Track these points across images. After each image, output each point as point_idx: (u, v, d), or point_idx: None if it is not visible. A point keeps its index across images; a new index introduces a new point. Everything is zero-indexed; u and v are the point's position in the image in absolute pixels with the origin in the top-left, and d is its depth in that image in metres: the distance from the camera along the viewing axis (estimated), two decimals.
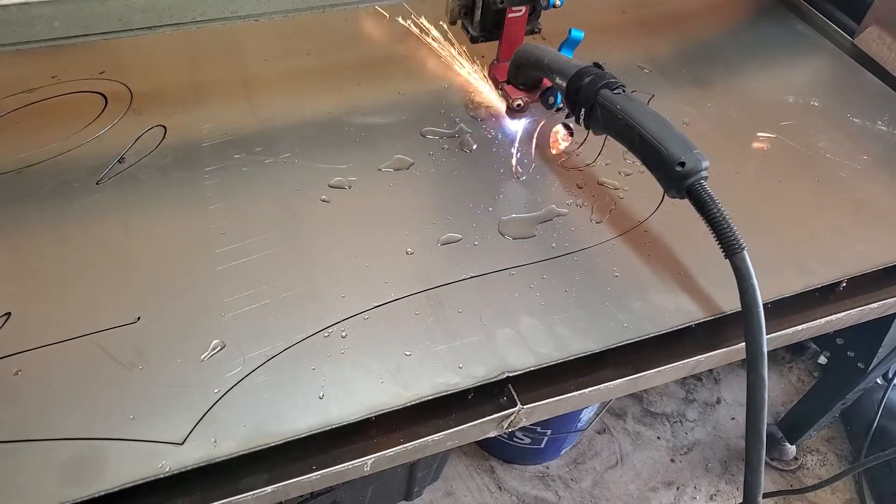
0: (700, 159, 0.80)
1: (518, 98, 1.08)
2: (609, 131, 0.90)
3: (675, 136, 0.82)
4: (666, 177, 0.82)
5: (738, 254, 0.78)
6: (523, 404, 0.82)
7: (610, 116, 0.87)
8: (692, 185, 0.80)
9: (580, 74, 0.91)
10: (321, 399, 0.77)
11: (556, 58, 0.96)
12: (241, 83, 1.17)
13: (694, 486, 2.01)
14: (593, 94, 0.88)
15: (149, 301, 0.85)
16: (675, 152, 0.80)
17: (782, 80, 1.29)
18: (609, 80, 0.89)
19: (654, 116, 0.85)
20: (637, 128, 0.84)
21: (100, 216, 0.94)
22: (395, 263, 0.92)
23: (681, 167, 0.80)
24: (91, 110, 1.09)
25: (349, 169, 1.04)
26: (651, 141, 0.82)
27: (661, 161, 0.82)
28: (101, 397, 0.76)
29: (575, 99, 0.91)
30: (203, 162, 1.03)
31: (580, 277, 0.92)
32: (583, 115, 0.91)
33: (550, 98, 1.05)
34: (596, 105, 0.88)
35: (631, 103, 0.86)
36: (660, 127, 0.83)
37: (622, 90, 0.89)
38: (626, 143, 0.88)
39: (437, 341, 0.84)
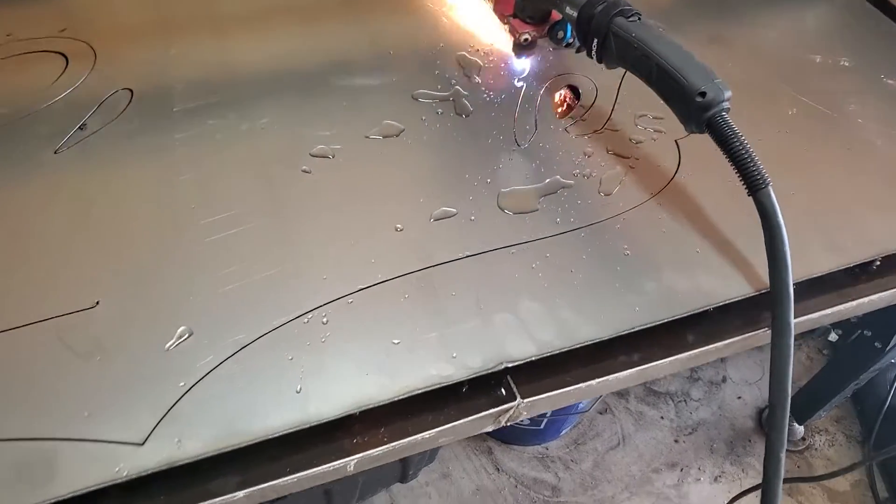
0: (722, 88, 0.74)
1: (525, 32, 1.00)
2: (623, 63, 0.84)
3: (696, 65, 0.76)
4: (685, 109, 0.77)
5: (762, 189, 0.73)
6: (523, 397, 0.74)
7: (625, 46, 0.81)
8: (713, 116, 0.74)
9: (592, 3, 0.85)
10: (299, 393, 0.69)
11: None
12: (216, 42, 1.07)
13: (698, 468, 1.96)
14: (606, 23, 0.82)
15: (109, 283, 0.77)
16: (695, 81, 0.75)
17: (809, 37, 1.19)
18: (623, 7, 0.83)
19: (673, 45, 0.79)
20: (654, 57, 0.78)
21: (57, 188, 0.85)
22: (383, 241, 0.84)
23: (701, 97, 0.74)
24: (50, 71, 0.99)
25: (333, 136, 0.95)
26: (670, 70, 0.76)
27: (680, 92, 0.76)
28: (52, 392, 0.68)
29: (586, 29, 0.85)
30: (173, 128, 0.94)
31: (587, 256, 0.84)
32: (595, 47, 0.85)
33: (560, 32, 0.99)
34: (609, 34, 0.83)
35: (648, 31, 0.80)
36: (679, 55, 0.77)
37: (637, 17, 0.83)
38: (643, 75, 0.81)
39: (429, 328, 0.76)
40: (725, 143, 0.74)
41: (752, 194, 0.74)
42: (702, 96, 0.74)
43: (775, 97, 1.07)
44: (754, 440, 2.02)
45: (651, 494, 1.88)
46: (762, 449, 1.98)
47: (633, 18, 0.82)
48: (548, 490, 1.87)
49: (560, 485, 1.88)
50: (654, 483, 1.90)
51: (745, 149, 0.73)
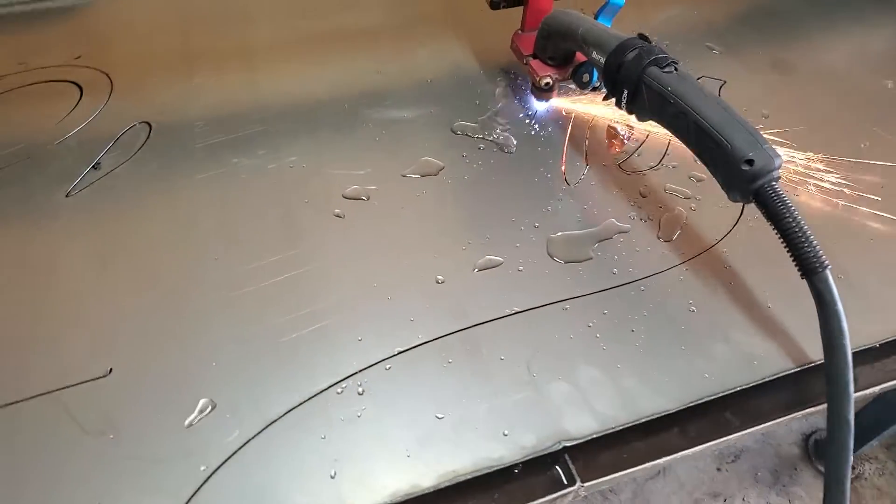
0: (772, 156, 0.66)
1: (546, 75, 0.93)
2: (657, 118, 0.76)
3: (741, 127, 0.68)
4: (729, 176, 0.69)
5: (818, 273, 0.65)
6: (583, 480, 0.65)
7: (659, 100, 0.74)
8: (762, 187, 0.67)
9: (622, 48, 0.77)
10: (333, 479, 0.62)
11: (593, 28, 0.82)
12: (242, 73, 1.00)
13: (742, 498, 1.86)
14: (638, 73, 0.75)
15: (124, 348, 0.70)
16: (741, 147, 0.67)
17: (877, 61, 1.09)
18: (658, 56, 0.75)
19: (715, 101, 0.71)
20: (693, 114, 0.70)
21: (68, 239, 0.79)
22: (422, 295, 0.76)
23: (748, 165, 0.66)
24: (63, 103, 0.93)
25: (367, 176, 0.88)
26: (711, 131, 0.69)
27: (723, 157, 0.68)
28: (59, 476, 0.61)
29: (615, 78, 0.78)
30: (195, 168, 0.87)
31: (648, 313, 0.75)
32: (625, 98, 0.78)
33: (585, 75, 0.91)
34: (642, 85, 0.75)
35: (685, 84, 0.72)
36: (722, 114, 0.69)
37: (674, 68, 0.75)
38: (679, 134, 0.74)
39: (476, 399, 0.68)
40: (776, 217, 0.66)
41: (805, 277, 0.66)
42: (749, 164, 0.66)
43: (845, 128, 0.98)
44: (800, 468, 1.92)
45: None
46: (808, 478, 1.89)
47: (668, 69, 0.74)
48: None
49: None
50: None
51: (798, 225, 0.65)
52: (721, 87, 1.03)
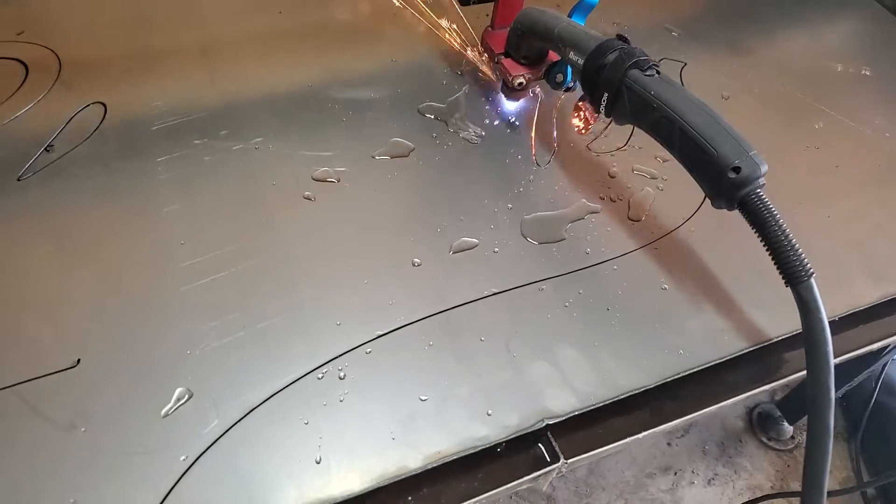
0: (758, 164, 0.65)
1: (519, 75, 0.90)
2: (639, 123, 0.74)
3: (727, 134, 0.67)
4: (714, 184, 0.68)
5: (803, 282, 0.64)
6: (567, 457, 0.66)
7: (641, 104, 0.71)
8: (748, 195, 0.66)
9: (602, 50, 0.74)
10: (319, 464, 0.61)
11: (570, 28, 0.79)
12: (200, 48, 0.96)
13: (692, 471, 1.93)
14: (620, 76, 0.72)
15: (91, 337, 0.67)
16: (727, 154, 0.65)
17: (827, 44, 1.13)
18: (639, 58, 0.73)
19: (699, 106, 0.69)
20: (678, 120, 0.68)
21: (23, 224, 0.75)
22: (399, 278, 0.75)
23: (735, 173, 0.65)
24: (7, 82, 0.87)
25: (336, 157, 0.86)
26: (696, 138, 0.67)
27: (708, 164, 0.67)
28: (28, 474, 0.58)
29: (595, 80, 0.75)
30: (154, 150, 0.83)
31: (622, 291, 0.76)
32: (605, 101, 0.75)
33: (559, 75, 0.88)
34: (623, 89, 0.72)
35: (670, 89, 0.70)
36: (707, 120, 0.67)
37: (656, 71, 0.72)
38: (662, 139, 0.72)
39: (458, 380, 0.68)
40: (761, 226, 0.65)
41: (791, 286, 0.65)
42: (735, 171, 0.65)
43: (800, 110, 1.01)
44: (745, 441, 2.00)
45: (645, 500, 1.85)
46: (753, 449, 1.97)
47: (650, 72, 0.72)
48: (543, 500, 1.82)
49: (555, 494, 1.83)
50: (649, 488, 1.87)
51: (784, 235, 0.64)
52: (682, 69, 1.05)
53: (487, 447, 0.64)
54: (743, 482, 1.92)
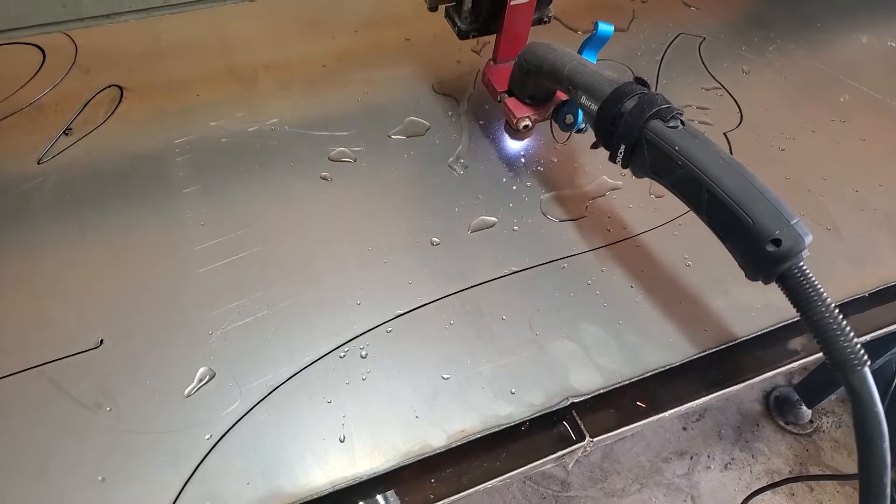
0: (802, 234, 0.57)
1: (524, 117, 0.80)
2: (661, 180, 0.65)
3: (765, 199, 0.58)
4: (750, 256, 0.59)
5: (856, 371, 0.54)
6: (592, 435, 0.66)
7: (664, 160, 0.62)
8: (789, 269, 0.57)
9: (618, 96, 0.65)
10: (343, 442, 0.61)
11: (581, 68, 0.70)
12: (215, 29, 0.96)
13: (708, 455, 1.92)
14: (639, 127, 0.64)
15: (113, 318, 0.67)
16: (765, 224, 0.57)
17: (851, 15, 1.11)
18: (661, 107, 0.63)
19: (732, 165, 0.60)
20: (706, 181, 0.59)
21: (45, 207, 0.75)
22: (418, 257, 0.75)
23: (774, 246, 0.56)
24: (25, 68, 0.87)
25: (352, 137, 0.85)
26: (729, 203, 0.58)
27: (743, 234, 0.58)
28: (58, 452, 0.58)
29: (611, 130, 0.67)
30: (172, 132, 0.83)
31: (646, 269, 0.76)
32: (621, 153, 0.67)
33: (568, 116, 0.80)
34: (642, 142, 0.64)
35: (696, 143, 0.61)
36: (741, 182, 0.59)
37: (680, 122, 0.64)
38: (688, 201, 0.63)
39: (480, 359, 0.67)
40: (806, 307, 0.56)
41: (839, 373, 0.56)
42: (775, 244, 0.56)
43: (824, 83, 0.99)
44: (762, 424, 1.98)
45: (661, 485, 1.84)
46: (770, 433, 1.96)
47: (673, 123, 0.63)
48: (557, 485, 1.81)
49: (569, 479, 1.83)
50: (664, 473, 1.86)
51: (833, 317, 0.55)
52: (700, 43, 1.03)
53: (511, 426, 0.64)
54: (760, 466, 1.90)
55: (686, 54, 1.02)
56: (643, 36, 1.05)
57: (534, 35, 0.82)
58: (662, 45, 1.04)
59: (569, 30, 1.05)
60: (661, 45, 1.04)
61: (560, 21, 1.05)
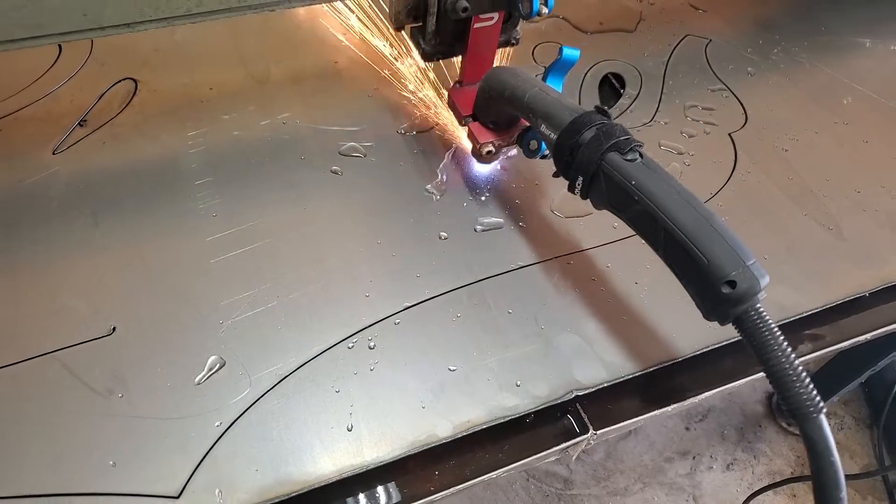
0: (759, 276, 0.55)
1: (487, 143, 0.79)
2: (618, 213, 0.64)
3: (722, 238, 0.56)
4: (705, 296, 0.57)
5: (811, 419, 0.53)
6: (596, 428, 0.67)
7: (620, 194, 0.61)
8: (745, 312, 0.55)
9: (576, 126, 0.64)
10: (350, 431, 0.62)
11: (542, 96, 0.69)
12: (228, 25, 0.97)
13: (710, 455, 1.92)
14: (596, 159, 0.62)
15: (126, 306, 0.68)
16: (720, 265, 0.55)
17: (856, 20, 1.12)
18: (619, 139, 0.62)
19: (689, 202, 0.58)
20: (662, 219, 0.58)
21: (58, 196, 0.76)
22: (426, 252, 0.76)
23: (730, 288, 0.54)
24: (42, 59, 0.89)
25: (362, 131, 0.87)
26: (684, 241, 0.56)
27: (698, 273, 0.56)
28: (71, 437, 0.59)
29: (568, 161, 0.65)
30: (185, 124, 0.84)
31: (651, 265, 0.76)
32: (579, 185, 0.65)
33: (532, 142, 0.77)
34: (600, 174, 0.63)
35: (653, 178, 0.60)
36: (698, 220, 0.57)
37: (638, 153, 0.62)
38: (644, 235, 0.62)
39: (486, 351, 0.68)
40: (761, 351, 0.54)
41: (796, 421, 0.54)
42: (730, 286, 0.54)
43: (828, 85, 1.00)
44: (765, 425, 1.99)
45: (664, 485, 1.85)
46: (773, 434, 1.96)
47: (631, 156, 0.61)
48: (560, 483, 1.82)
49: (572, 477, 1.83)
50: (667, 473, 1.87)
51: (789, 363, 0.53)
52: (706, 45, 1.04)
53: (515, 418, 0.64)
54: (763, 467, 1.91)
55: (692, 56, 1.03)
56: (650, 37, 1.06)
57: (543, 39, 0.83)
58: (669, 46, 1.05)
59: (578, 30, 1.06)
60: (667, 47, 1.05)
61: (569, 22, 1.06)
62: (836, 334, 0.76)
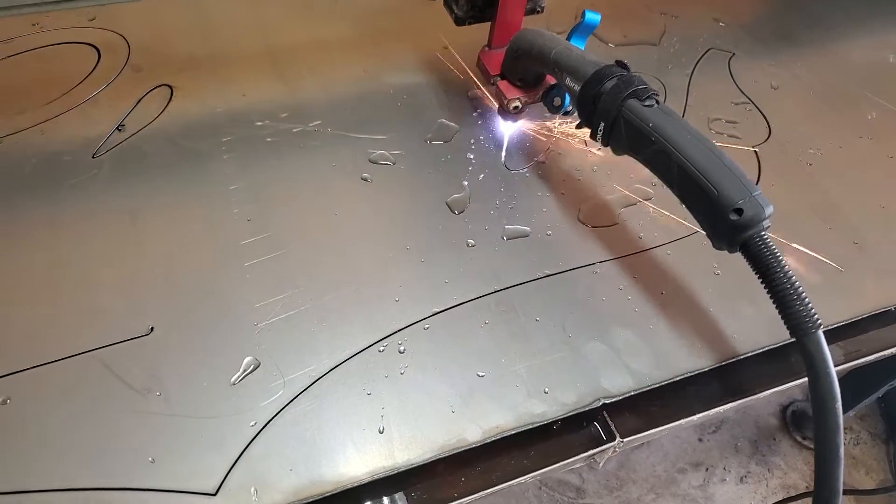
0: (763, 205, 0.61)
1: (515, 98, 0.86)
2: (636, 155, 0.71)
3: (730, 171, 0.62)
4: (714, 225, 0.64)
5: (809, 334, 0.59)
6: (622, 436, 0.68)
7: (638, 136, 0.68)
8: (751, 238, 0.61)
9: (599, 77, 0.71)
10: (381, 433, 0.63)
11: (567, 52, 0.76)
12: (261, 33, 0.99)
13: (723, 467, 1.92)
14: (616, 105, 0.69)
15: (163, 307, 0.70)
16: (729, 194, 0.61)
17: (879, 35, 1.12)
18: (638, 87, 0.69)
19: (700, 141, 0.65)
20: (676, 155, 0.64)
21: (98, 198, 0.78)
22: (454, 258, 0.77)
23: (737, 215, 0.61)
24: (81, 66, 0.91)
25: (392, 140, 0.88)
26: (696, 175, 0.63)
27: (708, 204, 0.63)
28: (111, 433, 0.61)
29: (591, 109, 0.72)
30: (219, 130, 0.86)
31: (676, 276, 0.78)
32: (601, 131, 0.72)
33: (556, 99, 0.84)
34: (620, 119, 0.69)
35: (668, 121, 0.67)
36: (708, 156, 0.64)
37: (655, 101, 0.69)
38: (660, 174, 0.68)
39: (515, 358, 0.69)
40: (765, 273, 0.61)
41: (795, 338, 0.60)
42: (737, 213, 0.61)
43: (852, 100, 1.01)
44: (779, 438, 1.98)
45: (676, 496, 1.85)
46: (787, 448, 1.96)
47: (649, 103, 0.68)
48: (572, 492, 1.82)
49: (584, 486, 1.84)
50: (680, 484, 1.87)
51: (790, 282, 0.60)
52: (730, 59, 1.05)
53: (543, 424, 0.65)
54: (777, 481, 1.91)
55: (716, 69, 1.04)
56: (674, 50, 1.08)
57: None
58: (693, 59, 1.06)
59: (601, 42, 1.08)
60: (691, 60, 1.06)
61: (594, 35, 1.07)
62: (860, 348, 0.77)
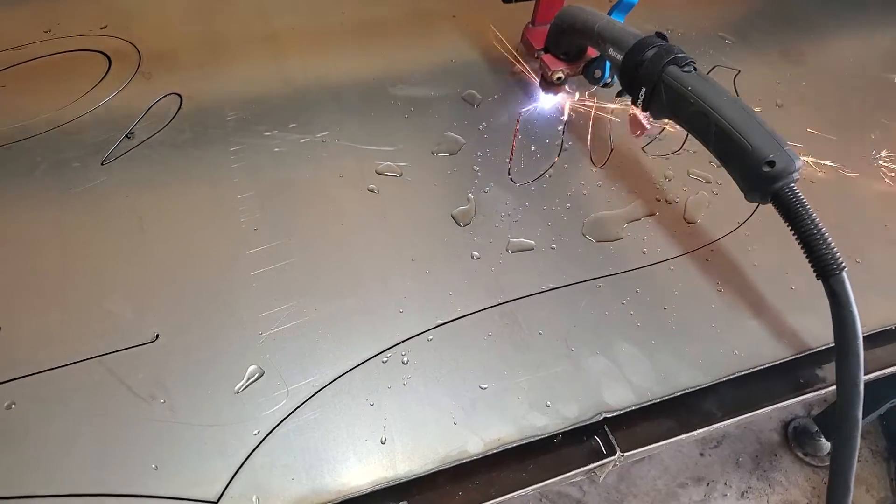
0: (793, 158, 0.66)
1: (558, 70, 0.92)
2: (675, 117, 0.76)
3: (762, 129, 0.68)
4: (749, 177, 0.69)
5: (835, 275, 0.65)
6: (623, 450, 0.68)
7: (678, 100, 0.73)
8: (782, 188, 0.66)
9: (641, 46, 0.76)
10: (384, 444, 0.63)
11: (610, 24, 0.81)
12: (269, 44, 1.00)
13: (724, 483, 1.91)
14: (658, 71, 0.74)
15: (169, 314, 0.70)
16: (762, 148, 0.66)
17: (882, 53, 1.13)
18: (677, 55, 0.74)
19: (735, 102, 0.70)
20: (714, 115, 0.69)
21: (107, 205, 0.79)
22: (459, 270, 0.77)
23: (769, 167, 0.65)
24: (92, 72, 0.92)
25: (398, 152, 0.89)
26: (732, 132, 0.68)
27: (743, 158, 0.68)
28: (115, 439, 0.61)
29: (634, 76, 0.77)
30: (227, 139, 0.87)
31: (679, 291, 0.78)
32: (642, 96, 0.77)
33: (597, 71, 0.91)
34: (661, 85, 0.74)
35: (706, 84, 0.72)
36: (742, 116, 0.69)
37: (693, 68, 0.74)
38: (698, 134, 0.73)
39: (517, 371, 0.70)
40: (794, 220, 0.66)
41: (822, 279, 0.66)
42: (770, 165, 0.66)
43: (856, 118, 1.01)
44: (780, 454, 1.98)
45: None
46: (788, 464, 1.95)
47: (687, 69, 0.74)
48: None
49: (585, 499, 1.83)
50: (680, 498, 1.86)
51: (816, 227, 0.65)
52: (735, 76, 1.06)
53: (544, 437, 0.66)
54: (778, 497, 1.90)
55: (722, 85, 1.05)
56: None
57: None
58: None
59: None
60: None
61: None
62: None
